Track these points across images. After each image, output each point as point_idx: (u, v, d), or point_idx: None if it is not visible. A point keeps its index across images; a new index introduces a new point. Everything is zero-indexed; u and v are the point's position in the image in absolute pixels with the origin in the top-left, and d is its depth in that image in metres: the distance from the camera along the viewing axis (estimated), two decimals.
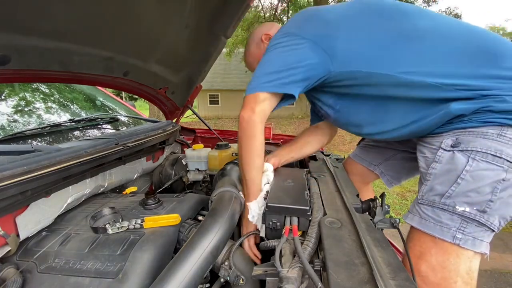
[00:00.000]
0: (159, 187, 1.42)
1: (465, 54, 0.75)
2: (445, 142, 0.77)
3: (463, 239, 0.71)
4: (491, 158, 0.69)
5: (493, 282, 2.18)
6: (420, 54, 0.78)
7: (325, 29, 0.85)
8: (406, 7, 0.86)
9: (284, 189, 0.88)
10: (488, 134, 0.71)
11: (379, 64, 0.81)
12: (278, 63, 0.85)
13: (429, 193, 0.78)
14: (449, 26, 0.81)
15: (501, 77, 0.71)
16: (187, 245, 0.65)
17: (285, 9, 11.21)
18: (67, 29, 0.81)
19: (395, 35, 0.80)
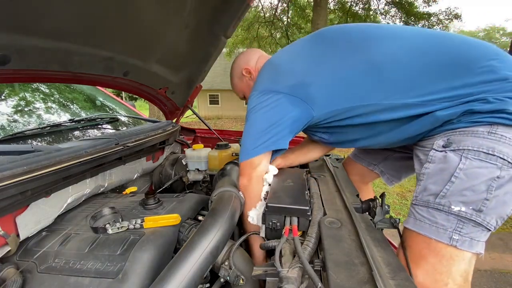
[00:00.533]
0: (159, 187, 1.42)
1: (440, 68, 0.76)
2: (437, 143, 0.77)
3: (460, 240, 0.70)
4: (483, 156, 0.69)
5: (493, 282, 2.18)
6: (395, 80, 0.79)
7: (297, 78, 0.87)
8: (370, 31, 0.86)
9: (284, 189, 0.88)
10: (478, 132, 0.71)
11: (357, 98, 0.83)
12: (263, 124, 0.86)
13: (423, 193, 0.77)
14: (419, 41, 0.81)
15: (479, 82, 0.72)
16: (187, 245, 0.65)
17: (285, 9, 11.21)
18: (67, 29, 0.81)
19: (366, 68, 0.81)
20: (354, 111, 0.84)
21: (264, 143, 0.86)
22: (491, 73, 0.72)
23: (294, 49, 0.96)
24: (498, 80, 0.71)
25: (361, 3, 10.29)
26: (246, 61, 1.11)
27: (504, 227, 2.96)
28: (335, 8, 10.53)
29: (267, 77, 0.92)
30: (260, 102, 0.87)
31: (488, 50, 0.77)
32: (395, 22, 10.39)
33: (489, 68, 0.72)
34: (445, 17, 9.94)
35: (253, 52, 1.14)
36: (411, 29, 0.87)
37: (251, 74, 1.09)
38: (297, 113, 0.87)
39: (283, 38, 11.70)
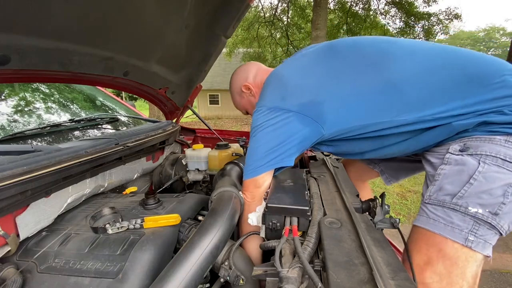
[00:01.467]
0: (159, 187, 1.42)
1: (454, 85, 0.76)
2: (453, 147, 0.77)
3: (475, 241, 0.70)
4: (501, 162, 0.70)
5: (493, 282, 2.18)
6: (410, 99, 0.78)
7: (308, 96, 0.83)
8: (385, 47, 0.85)
9: (284, 189, 0.88)
10: (495, 140, 0.72)
11: (370, 116, 0.81)
12: (270, 143, 0.83)
13: (438, 192, 0.76)
14: (433, 58, 0.80)
15: (494, 98, 0.73)
16: (187, 245, 0.65)
17: (285, 9, 11.21)
18: (67, 29, 0.81)
19: (381, 87, 0.80)
20: (365, 128, 0.83)
21: (270, 162, 0.83)
22: (506, 88, 0.73)
23: (303, 63, 0.92)
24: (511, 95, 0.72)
25: (361, 3, 10.29)
26: (244, 77, 1.08)
27: None
28: (335, 8, 10.53)
29: (275, 93, 0.88)
30: (268, 119, 0.84)
31: (502, 65, 0.77)
32: (395, 22, 10.41)
33: (503, 83, 0.73)
34: (445, 17, 9.94)
35: (250, 66, 1.11)
36: (424, 45, 0.86)
37: (251, 90, 1.06)
38: (307, 132, 0.84)
39: (283, 38, 11.70)
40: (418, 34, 10.26)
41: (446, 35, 11.42)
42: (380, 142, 0.88)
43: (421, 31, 10.17)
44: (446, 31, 10.42)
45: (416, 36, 10.28)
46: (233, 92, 1.14)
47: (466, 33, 37.03)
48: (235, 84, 1.11)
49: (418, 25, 10.09)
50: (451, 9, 9.89)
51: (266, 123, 0.84)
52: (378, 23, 10.83)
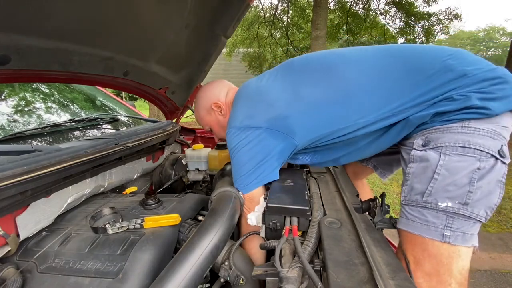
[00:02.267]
0: (159, 187, 1.42)
1: (400, 81, 0.79)
2: (416, 142, 0.79)
3: (452, 236, 0.70)
4: (461, 150, 0.71)
5: (493, 282, 2.18)
6: (364, 102, 0.82)
7: (274, 111, 0.87)
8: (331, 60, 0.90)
9: (284, 189, 0.88)
10: (452, 128, 0.73)
11: (334, 123, 0.85)
12: (250, 163, 0.87)
13: (411, 192, 0.78)
14: (376, 61, 0.84)
15: (440, 84, 0.75)
16: (187, 245, 0.65)
17: (285, 9, 11.21)
18: (67, 29, 0.81)
19: (336, 96, 0.84)
20: (333, 134, 0.86)
21: (256, 180, 0.87)
22: (449, 72, 0.75)
23: (264, 81, 0.96)
24: (457, 78, 0.74)
25: (361, 3, 10.28)
26: (216, 95, 1.09)
27: (504, 227, 2.96)
28: (335, 8, 10.52)
29: (243, 112, 0.91)
30: (241, 140, 0.87)
31: (441, 51, 0.80)
32: (395, 22, 10.40)
33: (445, 68, 0.75)
34: (445, 17, 9.94)
35: (222, 84, 1.12)
36: (369, 50, 0.90)
37: (221, 109, 1.07)
38: (282, 147, 0.87)
39: (283, 38, 11.69)
40: (418, 34, 10.26)
41: (446, 35, 11.41)
42: (351, 145, 0.91)
43: (421, 31, 10.17)
44: (446, 31, 10.41)
45: (416, 36, 10.28)
46: (200, 107, 1.13)
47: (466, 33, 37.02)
48: (204, 100, 1.11)
49: (418, 25, 10.08)
50: (451, 9, 9.87)
51: (241, 143, 0.87)
52: (378, 23, 10.82)
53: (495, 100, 0.70)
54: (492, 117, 0.71)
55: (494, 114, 0.70)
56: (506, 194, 3.72)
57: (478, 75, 0.73)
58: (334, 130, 0.85)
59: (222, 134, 1.15)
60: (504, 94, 0.71)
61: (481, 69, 0.74)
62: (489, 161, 0.69)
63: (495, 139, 0.70)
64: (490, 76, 0.73)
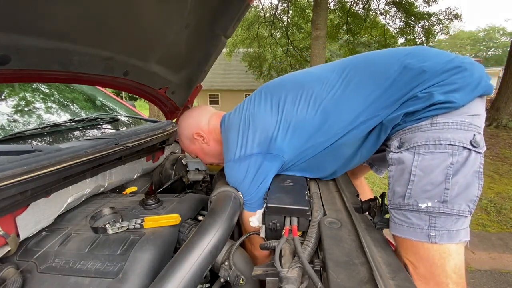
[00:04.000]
0: (159, 187, 1.42)
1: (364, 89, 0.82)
2: (393, 144, 0.79)
3: (438, 235, 0.69)
4: (432, 147, 0.70)
5: (493, 282, 2.18)
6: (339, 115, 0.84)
7: (261, 134, 0.91)
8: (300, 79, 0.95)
9: (284, 189, 0.88)
10: (422, 126, 0.73)
11: (317, 135, 0.87)
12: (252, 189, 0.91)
13: (393, 196, 0.77)
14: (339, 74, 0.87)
15: (402, 84, 0.76)
16: (187, 244, 0.65)
17: (285, 9, 11.21)
18: (67, 29, 0.81)
19: (312, 112, 0.87)
20: (318, 146, 0.89)
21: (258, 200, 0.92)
22: (408, 71, 0.75)
23: (247, 108, 0.98)
24: (417, 75, 0.74)
25: (361, 3, 10.28)
26: (196, 124, 1.09)
27: (504, 227, 2.96)
28: (335, 8, 10.52)
29: (235, 143, 0.94)
30: (239, 172, 0.91)
31: (398, 52, 0.82)
32: (395, 22, 10.40)
33: (404, 68, 0.76)
34: (445, 17, 9.95)
35: (201, 112, 1.13)
36: (331, 65, 0.94)
37: (203, 138, 1.08)
38: (276, 165, 0.92)
39: (283, 38, 11.70)
40: (418, 34, 10.26)
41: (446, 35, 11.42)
42: (338, 157, 0.92)
43: (421, 31, 10.17)
44: (446, 31, 10.42)
45: (416, 36, 10.28)
46: (183, 136, 1.14)
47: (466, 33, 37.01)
48: (186, 130, 1.12)
49: (418, 25, 10.09)
50: (451, 9, 9.89)
51: (240, 176, 0.91)
52: (378, 23, 10.83)
53: (458, 91, 0.70)
54: (459, 108, 0.70)
55: (461, 105, 0.69)
56: (506, 194, 3.72)
57: (436, 68, 0.73)
58: (317, 142, 0.88)
59: (208, 161, 1.19)
60: (465, 82, 0.70)
61: (439, 62, 0.74)
62: (462, 153, 0.68)
63: (466, 130, 0.69)
64: (448, 67, 0.72)
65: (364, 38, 11.44)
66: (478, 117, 0.71)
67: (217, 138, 1.07)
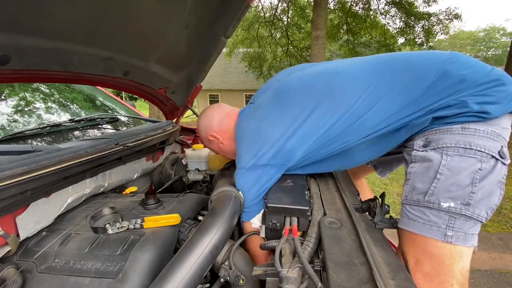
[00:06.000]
0: (159, 187, 1.42)
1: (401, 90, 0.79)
2: (417, 143, 0.79)
3: (454, 236, 0.71)
4: (462, 151, 0.71)
5: (493, 282, 2.18)
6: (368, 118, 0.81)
7: (277, 146, 0.88)
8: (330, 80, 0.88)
9: (284, 189, 0.88)
10: (453, 129, 0.74)
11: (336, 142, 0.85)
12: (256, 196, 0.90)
13: (412, 192, 0.78)
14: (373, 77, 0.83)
15: (440, 90, 0.75)
16: (187, 244, 0.65)
17: (285, 9, 11.21)
18: (67, 29, 0.81)
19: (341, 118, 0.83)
20: (332, 149, 0.87)
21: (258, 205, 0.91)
22: (447, 78, 0.75)
23: (264, 115, 0.94)
24: (455, 83, 0.74)
25: (361, 3, 10.28)
26: (209, 126, 1.10)
27: (504, 227, 2.96)
28: (335, 8, 10.52)
29: (249, 152, 0.92)
30: (249, 179, 0.90)
31: (437, 55, 0.80)
32: (395, 22, 10.39)
33: (443, 74, 0.76)
34: (445, 17, 9.94)
35: (213, 113, 1.12)
36: (362, 64, 0.89)
37: (218, 138, 1.08)
38: (279, 174, 0.92)
39: (283, 38, 11.69)
40: (418, 34, 10.25)
41: (446, 35, 11.41)
42: (348, 156, 0.91)
43: (421, 31, 10.17)
44: (446, 31, 10.41)
45: (416, 36, 10.28)
46: (202, 137, 1.17)
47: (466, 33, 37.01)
48: (202, 132, 1.14)
49: (418, 25, 10.08)
50: (451, 9, 9.88)
51: (250, 184, 0.90)
52: (378, 23, 10.82)
53: (494, 103, 0.71)
54: (491, 119, 0.71)
55: (494, 117, 0.71)
56: (506, 194, 3.72)
57: (475, 78, 0.73)
58: (333, 146, 0.87)
59: (230, 157, 1.18)
60: (501, 96, 0.72)
61: (479, 72, 0.74)
62: (490, 162, 0.70)
63: (495, 140, 0.71)
64: (487, 79, 0.73)
65: (364, 38, 11.43)
66: (506, 130, 0.73)
67: (233, 137, 1.05)
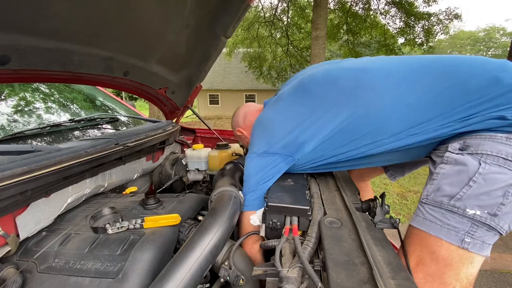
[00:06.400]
0: (159, 187, 1.42)
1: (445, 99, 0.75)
2: (452, 146, 0.75)
3: (471, 243, 0.69)
4: (502, 161, 0.68)
5: (493, 282, 2.18)
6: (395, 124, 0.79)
7: (291, 138, 0.89)
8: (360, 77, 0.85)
9: (284, 188, 0.88)
10: (497, 137, 0.70)
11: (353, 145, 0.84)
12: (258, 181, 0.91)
13: (436, 193, 0.75)
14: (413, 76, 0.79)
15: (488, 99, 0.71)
16: (187, 244, 0.65)
17: (285, 9, 11.21)
18: (67, 29, 0.81)
19: (362, 119, 0.81)
20: (347, 153, 0.86)
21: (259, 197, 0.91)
22: (497, 86, 0.70)
23: (282, 107, 0.96)
24: (507, 92, 0.70)
25: (361, 3, 10.28)
26: (236, 123, 1.22)
27: None
28: (335, 8, 10.52)
29: (262, 139, 0.95)
30: (258, 164, 0.91)
31: (489, 64, 0.75)
32: (395, 22, 10.39)
33: (493, 81, 0.71)
34: (445, 17, 9.94)
35: (239, 111, 1.23)
36: (400, 63, 0.84)
37: (243, 133, 1.20)
38: (287, 168, 0.93)
39: (283, 38, 11.69)
40: (418, 34, 10.25)
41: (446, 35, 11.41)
42: (361, 163, 0.90)
43: (421, 31, 10.17)
44: (446, 31, 10.41)
45: (416, 36, 10.28)
46: (235, 132, 1.27)
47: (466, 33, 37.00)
48: (233, 128, 1.27)
49: (418, 25, 10.08)
50: (451, 9, 9.88)
51: (257, 169, 0.91)
52: (378, 23, 10.82)
53: None
54: None
55: None
56: None
57: None
58: (350, 150, 0.85)
59: None
60: None
61: None
62: None
63: None
64: None
65: (364, 38, 11.43)
66: None
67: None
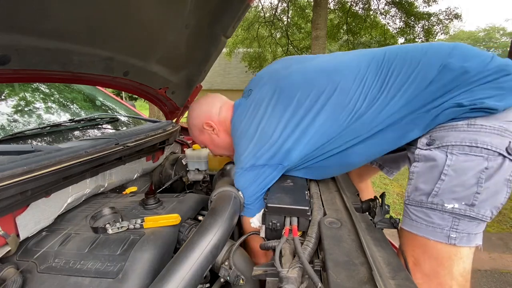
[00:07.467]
0: (159, 187, 1.42)
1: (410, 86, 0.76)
2: (421, 141, 0.77)
3: (458, 237, 0.69)
4: (468, 149, 0.68)
5: (493, 282, 2.18)
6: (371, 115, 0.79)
7: (276, 147, 0.87)
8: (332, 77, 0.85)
9: (284, 189, 0.88)
10: (458, 126, 0.71)
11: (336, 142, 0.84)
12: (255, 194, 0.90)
13: (415, 193, 0.76)
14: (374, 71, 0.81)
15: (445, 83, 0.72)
16: (187, 244, 0.65)
17: (285, 9, 11.20)
18: (67, 29, 0.81)
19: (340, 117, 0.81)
20: (331, 151, 0.86)
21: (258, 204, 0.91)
22: (449, 71, 0.71)
23: (262, 111, 0.91)
24: (457, 76, 0.71)
25: (361, 3, 10.28)
26: (207, 114, 1.04)
27: (504, 227, 2.96)
28: (335, 8, 10.52)
29: (247, 151, 0.90)
30: (248, 178, 0.89)
31: (437, 48, 0.77)
32: (395, 22, 10.39)
33: (444, 67, 0.72)
34: (445, 17, 9.94)
35: (213, 101, 1.07)
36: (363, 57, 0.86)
37: (213, 128, 1.04)
38: (280, 174, 0.92)
39: (283, 38, 11.69)
40: (418, 34, 10.25)
41: (446, 35, 11.39)
42: (346, 160, 0.89)
43: (421, 31, 10.17)
44: (446, 31, 10.40)
45: (416, 36, 10.28)
46: (193, 126, 1.09)
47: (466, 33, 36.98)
48: (196, 119, 1.07)
49: (418, 25, 10.08)
50: (451, 9, 9.87)
51: (248, 182, 0.89)
52: (378, 23, 10.82)
53: (501, 96, 0.68)
54: (499, 113, 0.68)
55: (501, 110, 0.67)
56: None
57: (478, 70, 0.70)
58: (332, 147, 0.85)
59: (218, 152, 1.14)
60: (508, 87, 0.68)
61: (481, 63, 0.71)
62: (497, 159, 0.67)
63: (502, 136, 0.67)
64: (491, 70, 0.69)
65: (364, 38, 11.43)
66: None
67: (228, 130, 1.02)
